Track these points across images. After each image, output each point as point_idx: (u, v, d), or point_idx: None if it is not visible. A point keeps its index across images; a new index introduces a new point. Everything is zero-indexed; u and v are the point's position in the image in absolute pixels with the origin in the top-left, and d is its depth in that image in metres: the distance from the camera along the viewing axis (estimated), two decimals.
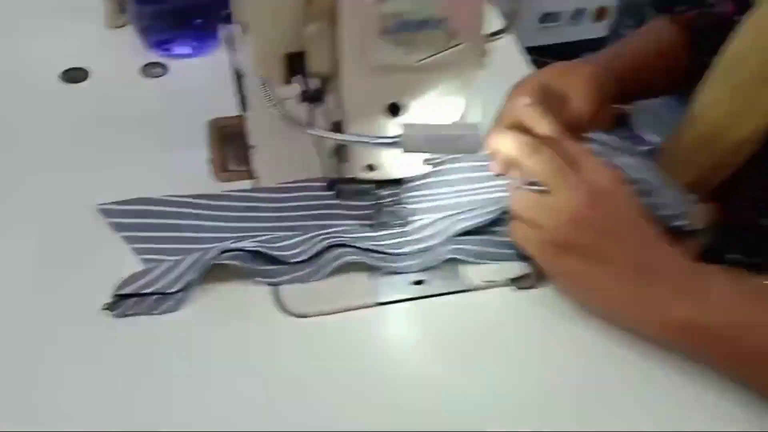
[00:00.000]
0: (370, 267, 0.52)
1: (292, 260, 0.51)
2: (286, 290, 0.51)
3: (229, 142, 0.63)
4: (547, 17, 1.08)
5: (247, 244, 0.50)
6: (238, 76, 0.70)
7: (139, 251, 0.52)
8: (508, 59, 0.73)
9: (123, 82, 0.68)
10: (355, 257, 0.51)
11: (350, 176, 0.49)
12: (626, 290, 0.46)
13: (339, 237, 0.52)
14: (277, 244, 0.51)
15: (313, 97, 0.44)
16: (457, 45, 0.39)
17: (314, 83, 0.44)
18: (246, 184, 0.59)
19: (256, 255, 0.51)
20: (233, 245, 0.50)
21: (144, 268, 0.51)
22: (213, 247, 0.50)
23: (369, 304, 0.51)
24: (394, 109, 0.43)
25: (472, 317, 0.51)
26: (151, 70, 0.70)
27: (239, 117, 0.66)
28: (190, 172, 0.59)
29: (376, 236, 0.54)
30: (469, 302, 0.52)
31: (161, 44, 0.71)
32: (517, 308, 0.51)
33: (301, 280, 0.51)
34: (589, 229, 0.46)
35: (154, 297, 0.49)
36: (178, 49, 0.71)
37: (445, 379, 0.47)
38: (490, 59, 0.43)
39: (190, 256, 0.50)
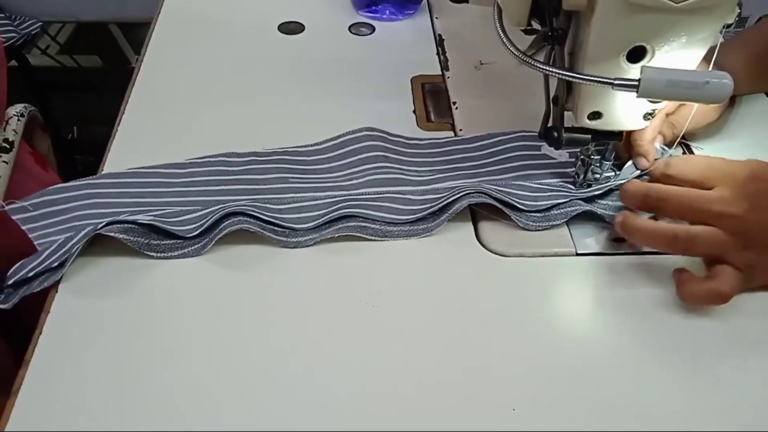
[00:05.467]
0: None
1: (188, 235, 0.50)
2: (488, 230, 0.53)
3: (431, 98, 0.67)
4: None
5: (141, 218, 0.50)
6: (440, 39, 0.74)
7: (36, 238, 0.51)
8: None
9: (334, 38, 0.74)
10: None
11: (568, 125, 0.51)
12: None
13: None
14: (173, 219, 0.51)
15: (555, 37, 0.46)
16: None
17: (559, 23, 0.46)
18: (449, 134, 0.62)
19: (149, 229, 0.50)
20: (127, 218, 0.49)
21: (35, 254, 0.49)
22: (105, 221, 0.49)
23: (568, 254, 0.52)
24: (635, 55, 0.45)
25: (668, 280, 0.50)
26: (360, 28, 0.75)
27: (440, 76, 0.69)
28: (397, 118, 0.63)
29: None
30: (670, 265, 0.51)
31: (368, 6, 0.76)
32: None
33: (195, 253, 0.50)
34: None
35: (42, 276, 0.48)
36: (384, 12, 0.76)
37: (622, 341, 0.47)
38: (739, 11, 0.43)
39: (81, 231, 0.49)
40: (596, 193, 0.54)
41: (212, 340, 0.46)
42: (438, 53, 0.72)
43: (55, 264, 0.48)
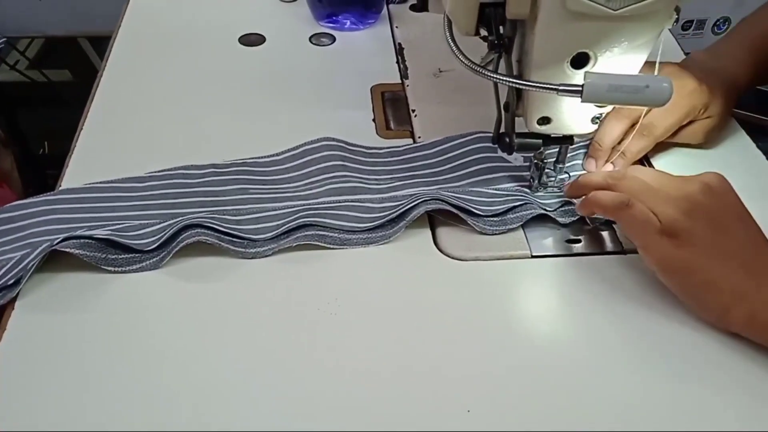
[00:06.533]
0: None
1: (146, 248, 0.50)
2: (446, 235, 0.54)
3: (391, 106, 0.68)
4: (690, 24, 1.08)
5: (98, 233, 0.50)
6: (400, 48, 0.75)
7: None
8: None
9: (295, 48, 0.75)
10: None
11: (521, 131, 0.52)
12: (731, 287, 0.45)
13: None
14: (130, 233, 0.51)
15: (501, 45, 0.47)
16: None
17: (505, 31, 0.47)
18: (407, 141, 0.63)
19: (106, 244, 0.50)
20: (84, 233, 0.49)
21: None
22: (61, 236, 0.49)
23: (523, 256, 0.53)
24: (579, 62, 0.46)
25: (624, 278, 0.51)
26: (320, 39, 0.76)
27: (400, 84, 0.70)
28: (357, 127, 0.64)
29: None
30: (625, 264, 0.52)
31: (329, 17, 0.77)
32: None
33: (153, 266, 0.50)
34: (704, 221, 0.46)
35: None
36: (344, 22, 0.77)
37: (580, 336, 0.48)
38: (677, 16, 0.44)
39: (38, 248, 0.49)
40: (550, 199, 0.56)
41: (172, 353, 0.46)
42: (398, 62, 0.73)
43: (11, 281, 0.48)
